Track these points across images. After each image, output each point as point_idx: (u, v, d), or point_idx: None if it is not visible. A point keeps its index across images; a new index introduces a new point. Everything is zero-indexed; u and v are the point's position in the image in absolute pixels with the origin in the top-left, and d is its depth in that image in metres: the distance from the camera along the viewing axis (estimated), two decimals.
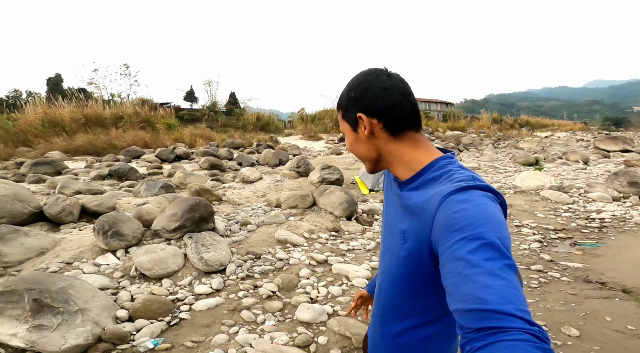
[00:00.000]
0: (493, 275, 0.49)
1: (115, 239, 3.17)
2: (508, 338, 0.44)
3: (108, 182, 7.13)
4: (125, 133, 13.73)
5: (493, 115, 31.84)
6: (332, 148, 13.39)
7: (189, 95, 24.21)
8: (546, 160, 11.79)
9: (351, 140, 0.78)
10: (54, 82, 24.43)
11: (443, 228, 0.57)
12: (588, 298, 2.69)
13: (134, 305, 2.36)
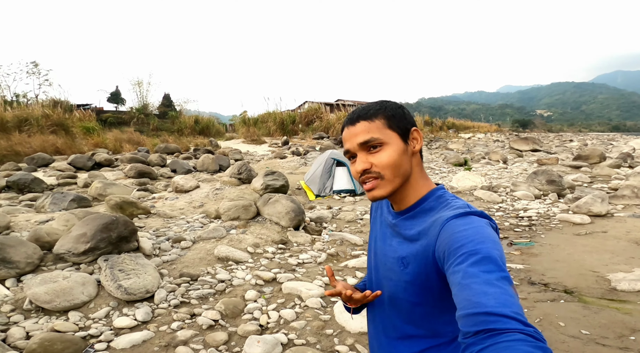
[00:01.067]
0: (490, 284, 0.52)
1: (1, 267, 2.50)
2: (505, 339, 0.45)
3: (5, 196, 5.95)
4: (30, 138, 11.78)
5: (425, 117, 34.20)
6: (275, 152, 13.00)
7: (114, 97, 21.76)
8: (473, 160, 12.81)
9: (399, 151, 0.73)
10: None
11: (446, 246, 0.62)
12: (537, 302, 2.73)
13: (29, 346, 1.85)
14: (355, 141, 0.73)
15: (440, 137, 24.32)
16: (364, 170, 0.73)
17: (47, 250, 3.02)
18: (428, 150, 16.23)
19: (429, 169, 10.62)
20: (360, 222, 5.03)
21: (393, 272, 0.76)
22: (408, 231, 0.75)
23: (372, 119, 0.73)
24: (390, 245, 0.79)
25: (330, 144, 14.66)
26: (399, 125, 0.74)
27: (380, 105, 0.76)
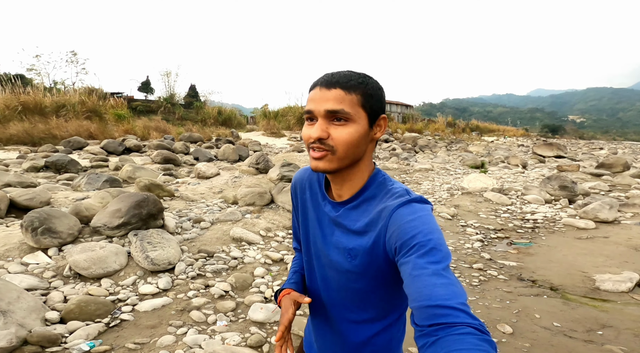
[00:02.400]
0: (438, 274, 0.57)
1: (46, 236, 2.90)
2: (455, 332, 0.50)
3: (44, 175, 6.50)
4: (67, 123, 12.62)
5: (448, 118, 33.66)
6: (294, 145, 13.34)
7: (144, 86, 22.77)
8: (491, 163, 12.70)
9: (361, 133, 0.70)
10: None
11: (397, 237, 0.64)
12: (521, 296, 2.90)
13: (66, 307, 2.17)
14: (324, 106, 0.69)
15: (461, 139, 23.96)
16: (319, 138, 0.69)
17: (85, 224, 3.42)
18: (447, 151, 16.12)
19: (444, 169, 10.67)
20: None
21: (339, 264, 0.76)
22: (353, 223, 0.74)
23: (350, 90, 0.69)
24: (332, 235, 0.78)
25: None
26: (372, 106, 0.71)
27: (364, 79, 0.71)
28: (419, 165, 10.72)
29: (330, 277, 0.80)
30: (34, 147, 10.33)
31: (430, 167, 10.65)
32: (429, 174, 9.62)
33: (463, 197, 6.62)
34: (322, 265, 0.82)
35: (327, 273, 0.81)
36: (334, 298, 0.81)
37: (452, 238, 4.39)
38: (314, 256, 0.84)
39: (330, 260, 0.78)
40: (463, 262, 3.65)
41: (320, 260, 0.82)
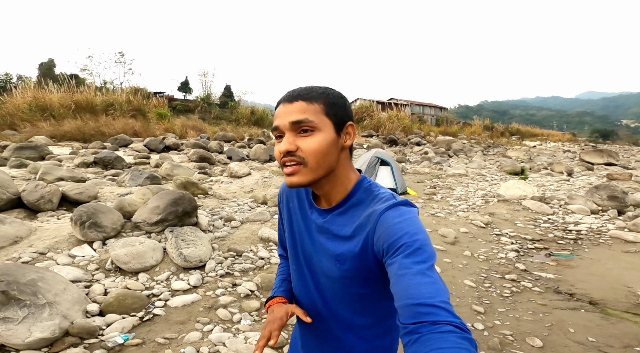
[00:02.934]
0: (422, 274, 0.59)
1: (93, 230, 3.13)
2: (438, 330, 0.52)
3: (92, 170, 7.02)
4: (115, 120, 13.51)
5: (485, 122, 32.24)
6: None
7: (183, 86, 23.93)
8: (532, 170, 12.01)
9: (329, 141, 0.70)
10: (47, 66, 23.92)
11: (384, 239, 0.66)
12: (556, 309, 2.76)
13: (106, 299, 2.33)
14: (288, 119, 0.69)
15: (499, 143, 22.87)
16: (287, 151, 0.70)
17: (127, 219, 3.65)
18: (483, 156, 15.46)
19: (479, 175, 10.24)
20: None
21: (330, 270, 0.77)
22: (341, 228, 0.75)
23: (312, 100, 0.70)
24: (320, 243, 0.78)
25: (378, 142, 14.68)
26: (336, 114, 0.72)
27: (324, 90, 0.73)
28: (452, 170, 10.36)
29: (324, 284, 0.80)
30: (85, 143, 11.16)
31: (465, 172, 10.27)
32: (462, 179, 9.29)
33: (499, 204, 6.33)
34: (316, 273, 0.82)
35: (321, 280, 0.81)
36: (331, 305, 0.81)
37: (484, 247, 4.22)
38: (304, 265, 0.84)
39: (322, 267, 0.79)
40: (495, 272, 3.50)
41: (313, 268, 0.82)
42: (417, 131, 20.86)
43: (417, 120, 26.04)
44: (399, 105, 23.69)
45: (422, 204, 6.28)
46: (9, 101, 13.23)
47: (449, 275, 3.38)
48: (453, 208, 6.09)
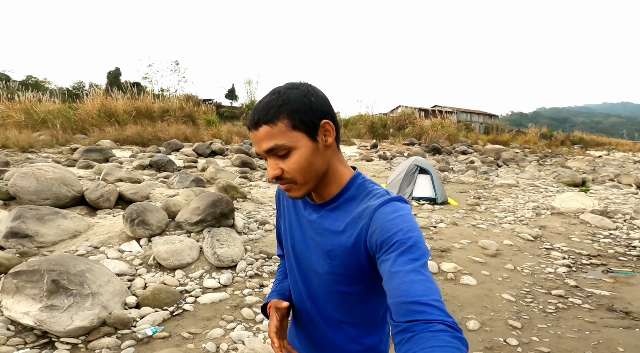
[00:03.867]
0: (416, 271, 0.58)
1: (141, 228, 3.40)
2: (430, 329, 0.52)
3: (147, 172, 7.63)
4: (169, 126, 14.54)
5: (542, 130, 29.89)
6: (363, 154, 13.31)
7: (230, 93, 25.27)
8: (595, 181, 10.87)
9: (308, 154, 0.68)
10: (114, 75, 26.40)
11: (378, 235, 0.65)
12: (606, 327, 2.52)
13: (144, 293, 2.52)
14: (261, 148, 0.69)
15: (559, 153, 21.06)
16: (275, 176, 0.70)
17: (171, 218, 3.93)
18: (538, 166, 14.31)
19: (532, 186, 9.51)
20: (433, 229, 4.99)
21: (319, 266, 0.77)
22: (333, 223, 0.74)
23: (273, 121, 0.66)
24: (312, 239, 0.78)
25: (420, 150, 14.23)
26: (303, 121, 0.67)
27: (283, 98, 0.67)
28: (501, 180, 9.73)
29: (313, 281, 0.80)
30: (143, 147, 12.16)
31: (515, 182, 9.60)
32: (511, 190, 8.68)
33: (552, 217, 5.84)
34: (304, 270, 0.82)
35: (310, 277, 0.81)
36: (319, 304, 0.81)
37: (530, 261, 3.92)
38: (294, 262, 0.84)
39: (311, 264, 0.79)
40: (539, 287, 3.25)
41: (301, 266, 0.83)
42: (463, 139, 19.91)
43: (463, 128, 24.87)
44: (444, 112, 22.79)
45: (463, 214, 5.99)
46: (81, 108, 14.82)
47: (485, 288, 3.19)
48: (498, 219, 5.73)
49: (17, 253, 2.84)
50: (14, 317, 1.91)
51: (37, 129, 12.17)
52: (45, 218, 3.19)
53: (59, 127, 12.40)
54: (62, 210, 3.50)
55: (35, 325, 1.89)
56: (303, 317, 0.86)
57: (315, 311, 0.82)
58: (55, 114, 13.34)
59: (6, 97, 14.72)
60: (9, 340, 1.89)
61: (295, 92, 0.69)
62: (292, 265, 0.85)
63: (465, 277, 3.37)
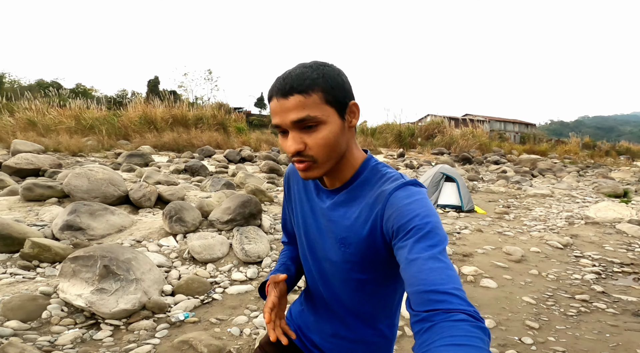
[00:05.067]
0: (434, 258, 0.57)
1: (177, 224, 3.70)
2: (451, 319, 0.50)
3: (183, 176, 8.12)
4: (202, 133, 15.26)
5: (584, 139, 28.25)
6: (390, 163, 13.29)
7: (259, 102, 26.12)
8: (638, 192, 10.22)
9: (337, 131, 0.67)
10: (153, 83, 28.01)
11: (394, 220, 0.63)
12: (628, 331, 2.47)
13: (178, 283, 2.77)
14: (288, 118, 0.65)
15: (602, 164, 19.82)
16: (297, 151, 0.67)
17: (204, 217, 4.22)
18: (577, 177, 13.60)
19: (569, 196, 9.11)
20: (457, 235, 4.97)
21: (333, 253, 0.75)
22: (347, 209, 0.73)
23: (308, 92, 0.64)
24: (326, 226, 0.76)
25: (448, 160, 13.94)
26: (337, 98, 0.67)
27: (318, 72, 0.66)
28: (534, 190, 9.38)
29: (327, 269, 0.79)
30: (179, 153, 12.88)
31: (549, 192, 9.23)
32: (545, 200, 8.37)
33: (586, 227, 5.62)
34: (318, 258, 0.80)
35: (324, 265, 0.79)
36: (333, 290, 0.80)
37: (556, 268, 3.85)
38: (307, 250, 0.83)
39: (325, 252, 0.77)
40: (563, 292, 3.21)
41: (315, 254, 0.81)
42: (495, 149, 19.22)
43: (496, 138, 24.02)
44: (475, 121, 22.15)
45: (490, 222, 5.90)
46: (124, 115, 15.92)
47: (506, 291, 3.18)
48: (527, 228, 5.60)
49: (70, 245, 3.21)
50: (68, 299, 2.15)
51: (85, 134, 13.24)
52: (96, 213, 3.57)
53: (104, 133, 13.41)
54: (111, 207, 3.88)
55: (85, 306, 2.12)
56: (318, 302, 0.85)
57: (330, 298, 0.81)
58: (101, 120, 14.44)
59: (58, 104, 16.11)
60: (61, 321, 2.11)
61: (329, 69, 0.68)
62: (306, 253, 0.84)
63: (485, 279, 3.38)
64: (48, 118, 13.79)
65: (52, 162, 7.03)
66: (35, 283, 2.44)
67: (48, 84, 24.13)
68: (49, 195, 4.50)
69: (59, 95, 17.88)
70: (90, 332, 2.05)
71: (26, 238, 2.91)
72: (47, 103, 15.63)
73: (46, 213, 3.91)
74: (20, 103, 15.13)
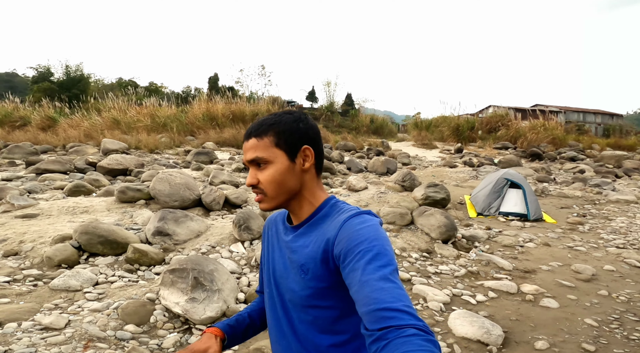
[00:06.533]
0: (385, 279, 0.61)
1: (245, 232, 4.08)
2: (403, 334, 0.54)
3: (243, 175, 8.70)
4: None
5: None
6: (446, 159, 12.77)
7: (310, 95, 26.42)
8: None
9: (281, 169, 0.77)
10: (213, 80, 29.51)
11: (344, 244, 0.69)
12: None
13: (249, 290, 3.06)
14: (246, 157, 0.79)
15: None
16: (250, 184, 0.79)
17: None
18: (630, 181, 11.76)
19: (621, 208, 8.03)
20: (520, 248, 4.76)
21: (296, 283, 0.79)
22: (306, 239, 0.79)
23: (261, 136, 0.77)
24: (289, 258, 0.81)
25: (513, 157, 12.90)
26: (287, 142, 0.77)
27: (275, 120, 0.79)
28: (617, 195, 8.36)
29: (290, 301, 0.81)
30: (238, 149, 13.70)
31: (635, 198, 8.21)
32: (629, 208, 7.47)
33: None
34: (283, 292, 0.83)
35: (287, 297, 0.82)
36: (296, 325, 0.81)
37: (631, 289, 3.55)
38: (274, 286, 0.86)
39: (289, 283, 0.81)
40: (632, 315, 3.00)
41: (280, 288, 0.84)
42: (572, 143, 17.23)
43: (574, 130, 21.56)
44: (547, 112, 20.04)
45: (560, 234, 5.48)
46: (189, 111, 17.19)
47: (567, 311, 3.05)
48: (603, 242, 5.13)
49: (161, 249, 3.74)
50: (168, 306, 2.51)
51: (159, 131, 14.66)
52: (180, 220, 4.08)
53: (175, 130, 14.71)
54: (190, 213, 4.40)
55: (182, 313, 2.45)
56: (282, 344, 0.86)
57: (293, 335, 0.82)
58: (171, 118, 15.82)
59: (135, 102, 17.92)
60: (164, 325, 2.43)
61: (288, 116, 0.80)
62: (272, 290, 0.87)
63: (546, 299, 3.26)
64: (128, 116, 15.49)
65: (136, 162, 8.04)
66: (140, 287, 2.91)
67: (126, 83, 26.84)
68: (138, 198, 5.22)
69: (136, 93, 19.78)
70: (185, 336, 2.42)
71: (127, 243, 3.47)
72: (126, 102, 17.49)
73: (139, 217, 4.55)
74: (105, 102, 17.14)
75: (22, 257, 3.41)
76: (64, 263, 3.22)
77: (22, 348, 2.05)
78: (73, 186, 5.92)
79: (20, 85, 33.16)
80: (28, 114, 16.33)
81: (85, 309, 2.55)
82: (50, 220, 4.37)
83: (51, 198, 5.43)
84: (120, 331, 2.32)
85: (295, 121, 0.79)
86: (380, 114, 23.26)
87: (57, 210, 4.72)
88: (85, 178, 6.61)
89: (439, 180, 8.97)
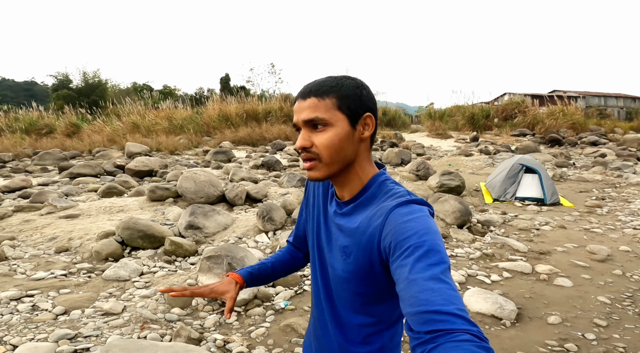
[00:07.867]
0: (435, 278, 0.55)
1: (268, 223, 4.36)
2: (454, 339, 0.49)
3: (261, 171, 8.99)
4: (272, 127, 16.15)
5: None
6: (461, 148, 12.71)
7: None
8: None
9: (342, 134, 0.71)
10: (225, 80, 29.80)
11: (392, 237, 0.63)
12: None
13: None
14: (301, 117, 0.72)
15: None
16: (302, 147, 0.72)
17: (288, 215, 4.83)
18: None
19: None
20: (535, 232, 4.84)
21: (336, 261, 0.78)
22: (351, 220, 0.75)
23: (323, 96, 0.71)
24: (333, 233, 0.79)
25: (530, 144, 12.70)
26: (350, 107, 0.72)
27: (337, 82, 0.72)
28: (638, 178, 8.24)
29: (330, 276, 0.82)
30: (253, 147, 14.01)
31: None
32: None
33: None
34: (324, 264, 0.84)
35: (327, 271, 0.83)
36: (332, 299, 0.82)
37: None
38: (316, 254, 0.86)
39: (330, 259, 0.80)
40: None
41: (323, 259, 0.84)
42: (593, 127, 16.71)
43: (595, 115, 20.83)
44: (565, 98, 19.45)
45: (577, 217, 5.52)
46: (204, 112, 17.57)
47: (581, 290, 3.16)
48: (620, 224, 5.15)
49: (193, 241, 4.05)
50: None
51: (176, 133, 15.14)
52: (208, 214, 4.39)
53: (192, 131, 15.15)
54: (216, 208, 4.70)
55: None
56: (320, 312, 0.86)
57: (328, 306, 0.83)
58: (188, 120, 16.27)
59: (152, 105, 18.46)
60: (204, 308, 2.69)
61: (350, 81, 0.74)
62: (315, 257, 0.86)
63: (560, 279, 3.37)
64: (147, 120, 16.04)
65: (160, 163, 8.46)
66: (180, 276, 3.21)
67: (142, 87, 27.56)
68: (167, 196, 5.57)
69: (152, 97, 20.29)
70: (223, 316, 2.70)
71: (164, 237, 3.79)
72: (143, 105, 18.05)
73: (169, 213, 4.89)
74: (123, 107, 17.74)
75: (73, 253, 3.79)
76: (111, 257, 3.57)
77: (89, 332, 2.37)
78: (106, 188, 6.34)
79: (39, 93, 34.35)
80: (52, 121, 17.07)
81: (136, 296, 2.87)
82: (91, 219, 4.75)
83: (87, 200, 5.86)
84: (169, 314, 2.63)
85: (358, 87, 0.74)
86: (393, 105, 23.11)
87: (96, 210, 5.12)
88: (116, 180, 7.04)
89: (454, 168, 9.03)
